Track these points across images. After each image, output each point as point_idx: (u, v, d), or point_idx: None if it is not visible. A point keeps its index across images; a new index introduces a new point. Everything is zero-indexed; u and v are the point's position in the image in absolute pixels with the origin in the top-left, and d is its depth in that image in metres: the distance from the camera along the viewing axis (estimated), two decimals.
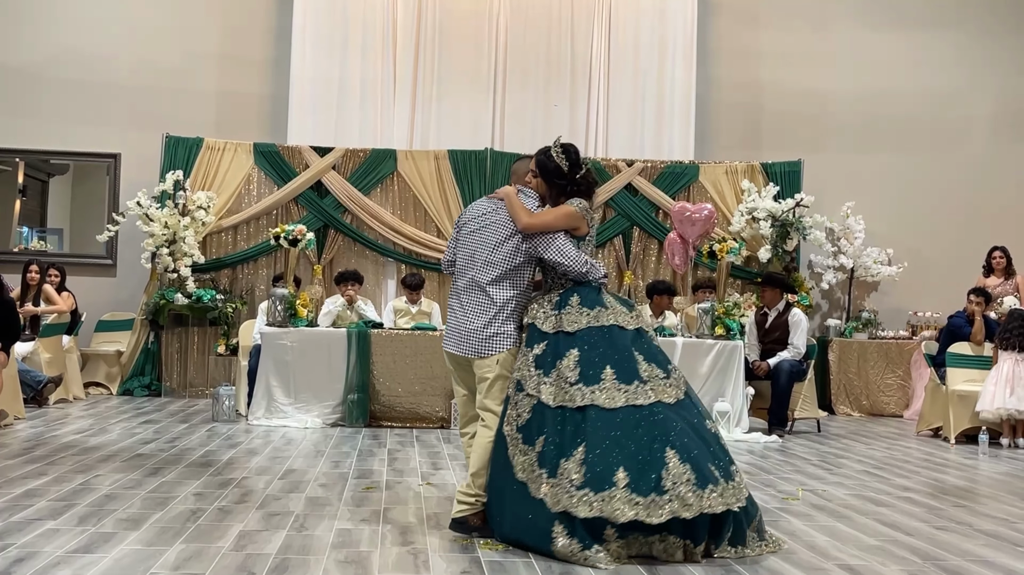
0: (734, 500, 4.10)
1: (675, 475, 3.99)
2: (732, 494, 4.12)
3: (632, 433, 4.09)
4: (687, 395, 4.37)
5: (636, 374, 4.24)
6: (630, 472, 3.98)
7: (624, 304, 4.54)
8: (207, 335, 10.83)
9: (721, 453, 4.26)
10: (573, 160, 4.54)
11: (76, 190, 11.89)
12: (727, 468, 4.20)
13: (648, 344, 4.41)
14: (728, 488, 4.12)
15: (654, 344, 4.46)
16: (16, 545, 4.00)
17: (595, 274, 4.46)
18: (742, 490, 4.19)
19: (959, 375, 8.78)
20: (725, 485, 4.11)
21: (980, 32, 12.19)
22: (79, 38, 11.43)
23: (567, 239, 4.45)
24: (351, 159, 11.32)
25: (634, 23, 11.91)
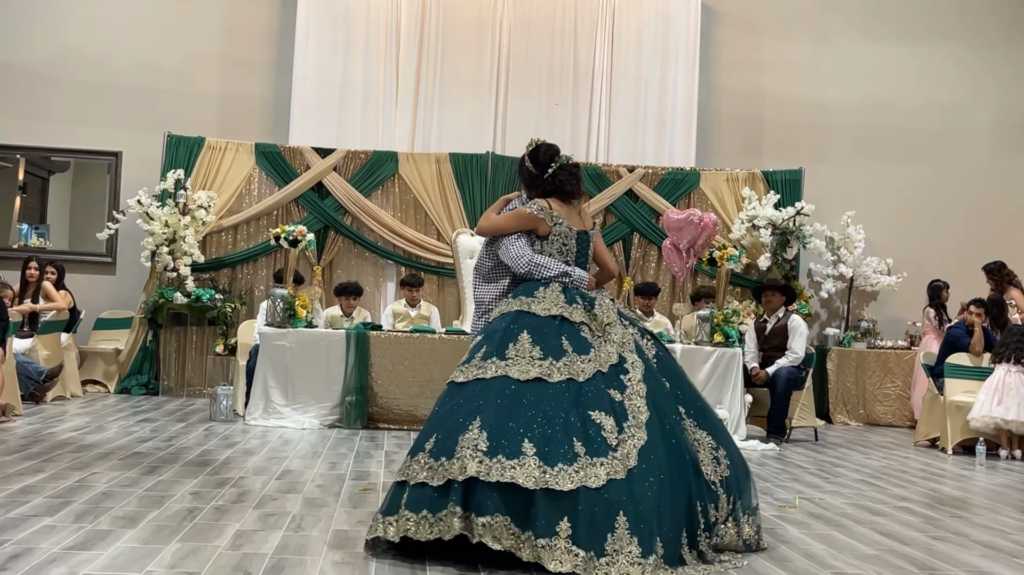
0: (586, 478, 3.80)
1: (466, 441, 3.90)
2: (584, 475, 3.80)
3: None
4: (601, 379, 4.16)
5: (504, 350, 4.19)
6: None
7: (582, 301, 4.43)
8: (205, 335, 10.83)
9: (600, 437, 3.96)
10: (541, 162, 4.63)
11: (76, 188, 11.89)
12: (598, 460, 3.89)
13: (574, 334, 4.27)
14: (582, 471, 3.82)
15: (582, 336, 4.27)
16: (12, 541, 4.00)
17: (542, 274, 4.48)
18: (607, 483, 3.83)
19: (957, 386, 8.78)
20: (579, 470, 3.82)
21: (981, 44, 12.22)
22: (82, 37, 11.44)
23: (521, 240, 4.54)
24: (352, 161, 11.32)
25: (637, 31, 11.93)
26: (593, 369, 4.16)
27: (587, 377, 4.13)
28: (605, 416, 4.01)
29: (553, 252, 4.55)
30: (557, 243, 4.56)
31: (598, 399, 4.07)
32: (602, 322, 4.37)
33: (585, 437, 3.93)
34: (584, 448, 3.89)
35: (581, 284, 4.52)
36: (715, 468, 4.19)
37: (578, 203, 4.74)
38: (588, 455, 3.87)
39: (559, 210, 4.60)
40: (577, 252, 4.63)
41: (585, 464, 3.85)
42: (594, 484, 3.80)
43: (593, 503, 3.77)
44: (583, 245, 4.65)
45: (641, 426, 4.03)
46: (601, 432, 3.96)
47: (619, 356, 4.26)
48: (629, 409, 4.07)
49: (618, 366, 4.22)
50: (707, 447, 4.22)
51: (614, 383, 4.15)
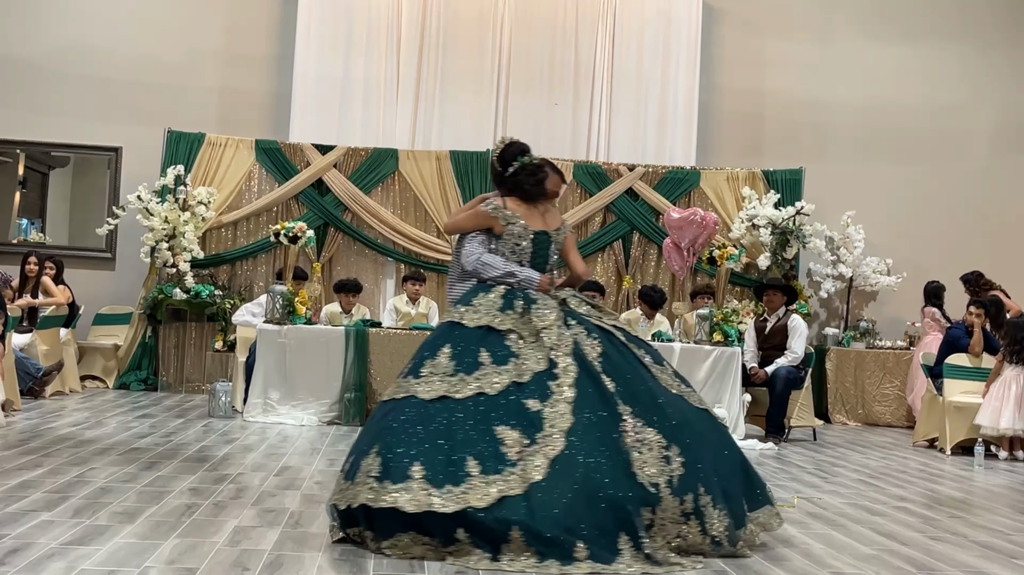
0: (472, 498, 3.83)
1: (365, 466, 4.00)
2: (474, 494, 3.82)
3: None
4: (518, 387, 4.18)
5: (422, 366, 4.25)
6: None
7: (522, 304, 4.43)
8: (204, 331, 10.82)
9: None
10: (505, 160, 4.71)
11: (76, 183, 11.88)
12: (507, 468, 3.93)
13: (496, 344, 4.29)
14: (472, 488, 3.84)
15: (505, 345, 4.30)
16: (10, 536, 4.00)
17: (488, 273, 4.55)
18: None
19: (956, 386, 8.78)
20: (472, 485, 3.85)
21: (983, 45, 12.21)
22: (83, 32, 11.43)
23: (476, 239, 4.64)
24: (352, 158, 11.32)
25: (638, 29, 11.91)
26: (507, 381, 4.17)
27: (500, 389, 4.14)
28: (510, 430, 4.02)
29: (506, 252, 4.60)
30: (510, 243, 4.62)
31: (508, 412, 4.09)
32: (535, 328, 4.36)
33: (482, 455, 3.95)
34: (478, 467, 3.91)
35: (530, 285, 4.55)
36: (661, 468, 4.06)
37: (543, 203, 4.74)
38: (482, 474, 3.90)
39: (516, 209, 4.65)
40: (533, 252, 4.64)
41: (476, 484, 3.87)
42: (481, 504, 3.82)
43: (481, 523, 3.82)
44: (541, 245, 4.66)
45: (559, 434, 4.03)
46: (500, 448, 3.97)
47: (549, 361, 4.25)
48: (548, 418, 4.07)
49: (546, 372, 4.22)
50: (655, 447, 4.11)
51: (537, 392, 4.15)
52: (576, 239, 4.95)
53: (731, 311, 10.40)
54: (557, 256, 4.81)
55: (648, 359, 4.49)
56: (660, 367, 4.50)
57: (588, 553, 3.81)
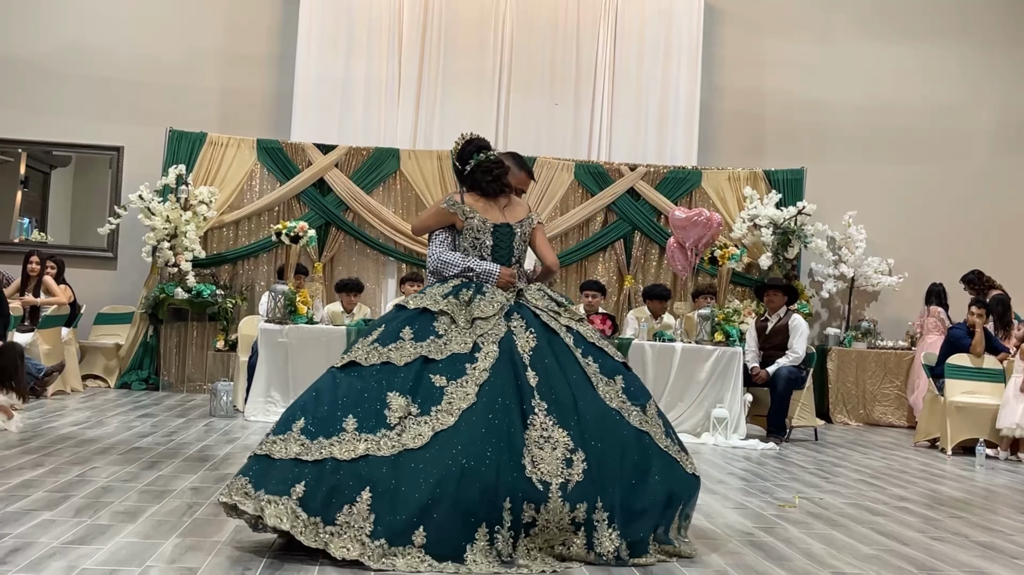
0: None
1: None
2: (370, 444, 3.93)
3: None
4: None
5: (391, 339, 4.29)
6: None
7: (468, 294, 4.47)
8: (206, 330, 10.82)
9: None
10: (463, 157, 4.77)
11: (78, 182, 11.89)
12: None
13: (424, 323, 4.35)
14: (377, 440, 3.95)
15: (432, 326, 4.34)
16: (12, 535, 4.00)
17: (447, 271, 4.60)
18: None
19: (957, 386, 8.79)
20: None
21: (983, 45, 12.21)
22: (84, 32, 11.44)
23: (439, 237, 4.70)
24: (354, 157, 11.32)
25: (639, 29, 11.91)
26: (417, 354, 4.21)
27: (407, 361, 4.19)
28: (399, 397, 4.08)
29: (466, 246, 4.64)
30: (470, 238, 4.64)
31: (407, 382, 4.13)
32: (471, 315, 4.39)
33: (362, 415, 4.03)
34: (355, 424, 4.00)
35: (488, 278, 4.56)
36: (561, 469, 3.98)
37: (505, 198, 4.74)
38: (356, 431, 3.98)
39: (474, 204, 4.67)
40: (494, 246, 4.64)
41: (347, 439, 3.95)
42: (343, 456, 3.90)
43: (336, 472, 3.87)
44: (502, 238, 4.65)
45: (454, 411, 4.05)
46: (384, 411, 4.04)
47: (473, 345, 4.28)
48: (448, 395, 4.10)
49: (466, 355, 4.24)
50: (560, 447, 4.04)
51: (447, 370, 4.18)
52: (546, 231, 4.89)
53: (732, 311, 10.38)
54: (524, 248, 4.77)
55: (594, 367, 4.37)
56: (608, 379, 4.35)
57: (425, 540, 3.78)
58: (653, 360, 8.62)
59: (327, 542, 3.80)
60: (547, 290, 4.68)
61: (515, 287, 4.57)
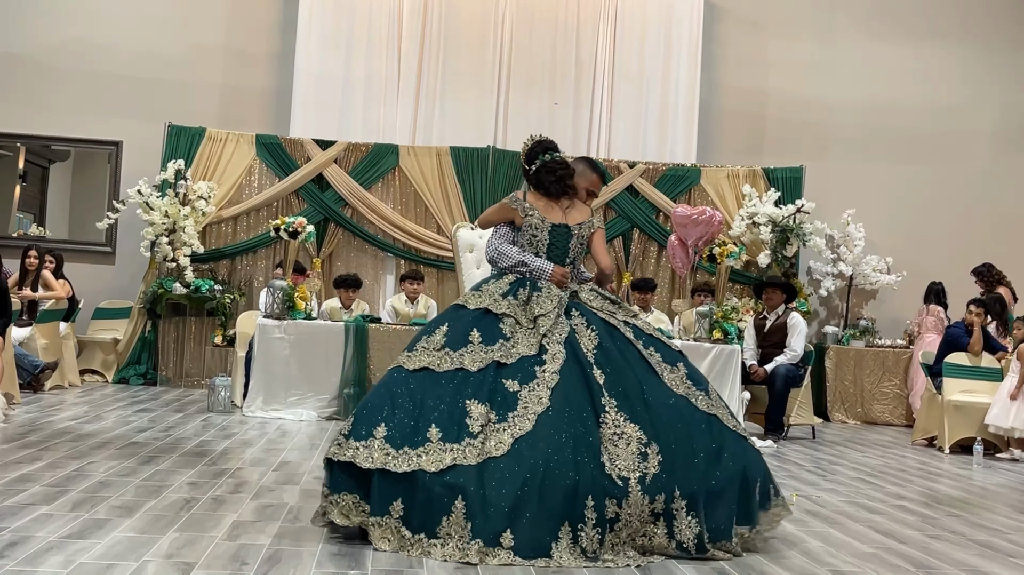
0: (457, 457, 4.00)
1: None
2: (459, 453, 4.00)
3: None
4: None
5: (464, 342, 4.36)
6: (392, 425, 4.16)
7: (526, 292, 4.53)
8: (204, 325, 10.82)
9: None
10: (527, 157, 4.89)
11: (77, 177, 11.87)
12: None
13: (490, 325, 4.41)
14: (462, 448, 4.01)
15: (499, 328, 4.41)
16: (9, 529, 4.00)
17: (503, 262, 4.70)
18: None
19: (955, 385, 8.79)
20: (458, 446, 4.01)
21: (984, 46, 12.20)
22: (84, 27, 11.42)
23: (500, 231, 4.82)
24: (353, 153, 11.31)
25: (640, 27, 11.90)
26: (490, 359, 4.28)
27: (480, 367, 4.26)
28: (479, 405, 4.14)
29: (523, 243, 4.73)
30: (527, 234, 4.74)
31: (483, 388, 4.20)
32: (532, 314, 4.45)
33: (445, 424, 4.09)
34: (439, 434, 4.06)
35: (541, 275, 4.64)
36: (635, 463, 4.07)
37: (568, 199, 4.82)
38: (440, 441, 4.04)
39: (535, 202, 4.78)
40: (550, 244, 4.73)
41: (432, 449, 4.02)
42: (431, 468, 3.96)
43: (428, 484, 3.94)
44: (559, 238, 4.73)
45: (531, 416, 4.11)
46: (465, 419, 4.10)
47: (540, 347, 4.35)
48: (523, 399, 4.16)
49: (534, 357, 4.31)
50: (633, 442, 4.13)
51: (518, 374, 4.24)
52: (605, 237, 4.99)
53: (731, 309, 10.40)
54: (581, 250, 4.86)
55: (657, 357, 4.48)
56: (671, 367, 4.48)
57: (513, 543, 3.87)
58: None
59: (431, 551, 3.92)
60: (600, 290, 4.77)
61: (568, 287, 4.66)
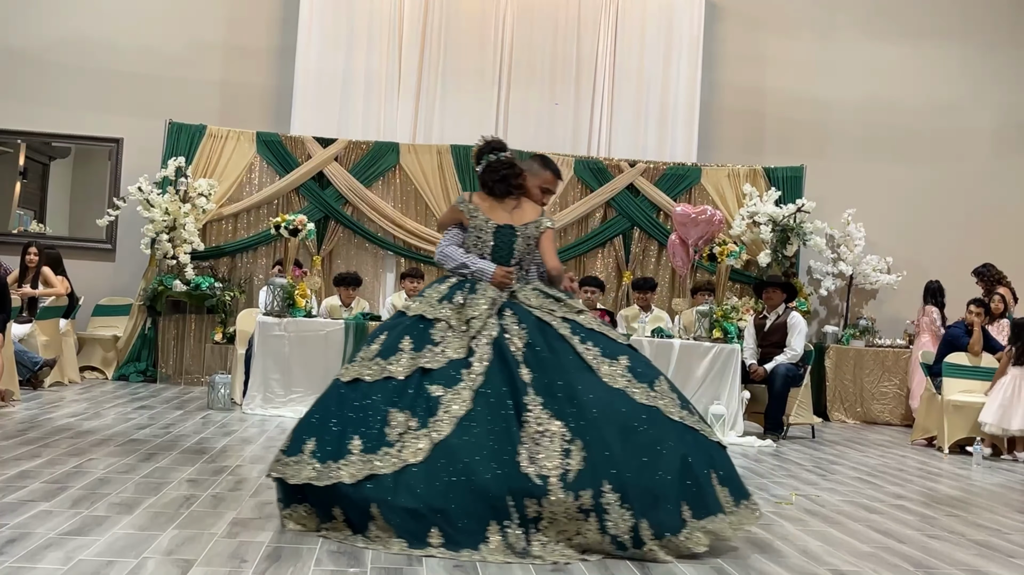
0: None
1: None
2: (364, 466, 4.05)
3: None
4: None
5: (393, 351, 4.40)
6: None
7: (463, 294, 4.56)
8: (204, 323, 10.82)
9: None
10: (478, 158, 4.89)
11: (77, 174, 11.87)
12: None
13: (421, 331, 4.44)
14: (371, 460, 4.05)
15: (429, 334, 4.43)
16: (9, 526, 4.00)
17: (447, 264, 4.78)
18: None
19: (955, 385, 8.79)
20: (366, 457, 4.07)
21: (984, 44, 12.20)
22: (85, 23, 11.41)
23: (450, 233, 4.85)
24: (353, 151, 11.31)
25: (640, 26, 11.90)
26: (414, 367, 4.31)
27: (407, 374, 4.30)
28: (399, 412, 4.18)
29: (470, 244, 4.77)
30: (473, 236, 4.78)
31: (407, 396, 4.23)
32: (465, 317, 4.48)
33: (367, 435, 4.14)
34: (361, 446, 4.11)
35: (482, 276, 4.66)
36: (559, 460, 4.04)
37: (515, 199, 4.81)
38: (362, 452, 4.09)
39: (480, 203, 4.80)
40: (494, 245, 4.74)
41: (353, 461, 4.07)
42: (348, 480, 4.03)
43: (351, 496, 4.03)
44: (503, 239, 4.74)
45: (451, 420, 4.13)
46: (384, 428, 4.14)
47: (468, 350, 4.37)
48: (444, 403, 4.18)
49: (462, 360, 4.32)
50: (556, 439, 4.10)
51: (443, 378, 4.26)
52: (556, 235, 4.97)
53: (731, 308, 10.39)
54: (529, 250, 4.80)
55: (595, 352, 4.40)
56: (611, 361, 4.38)
57: (442, 539, 3.94)
58: (651, 356, 8.48)
59: (371, 546, 4.02)
60: (545, 288, 4.72)
61: (510, 287, 4.65)
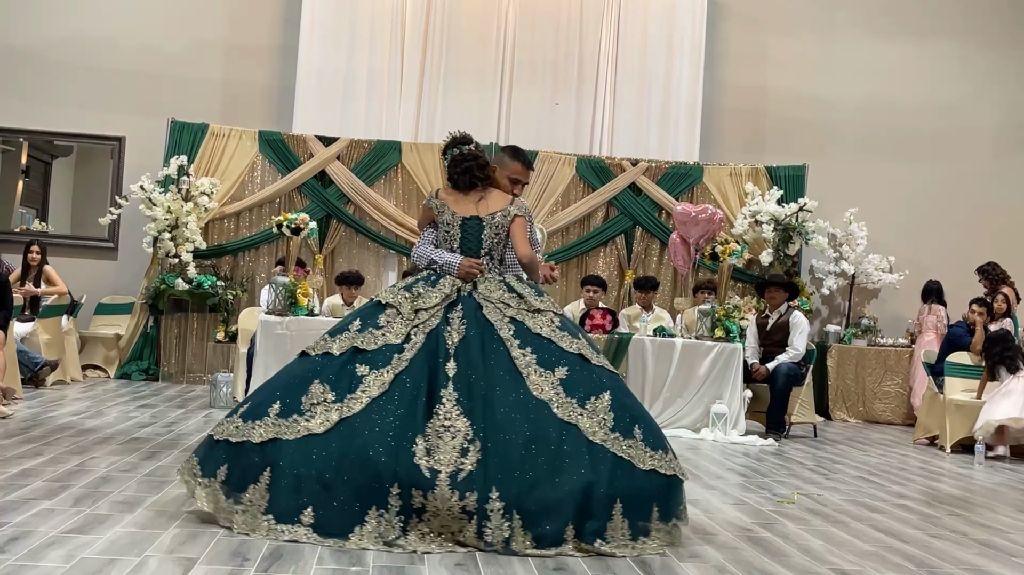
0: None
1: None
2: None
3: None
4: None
5: (343, 330, 4.49)
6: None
7: (424, 286, 4.57)
8: (206, 321, 10.83)
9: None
10: (444, 154, 4.96)
11: (79, 172, 11.88)
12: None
13: (371, 315, 4.50)
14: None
15: (376, 318, 4.48)
16: (11, 524, 4.00)
17: (420, 265, 4.81)
18: None
19: (957, 384, 8.78)
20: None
21: (986, 44, 12.19)
22: (87, 22, 11.42)
23: (426, 234, 4.89)
24: (355, 150, 11.31)
25: (642, 25, 11.89)
26: (349, 346, 4.38)
27: (341, 351, 4.37)
28: (320, 384, 4.25)
29: (440, 239, 4.81)
30: (442, 231, 4.81)
31: (334, 371, 4.30)
32: (415, 307, 4.51)
33: (285, 401, 4.23)
34: (278, 410, 4.20)
35: (449, 269, 4.68)
36: (454, 458, 4.02)
37: (482, 191, 4.82)
38: (277, 416, 4.19)
39: (446, 198, 4.83)
40: (462, 238, 4.75)
41: (267, 423, 4.17)
42: (255, 439, 4.13)
43: (251, 455, 4.12)
44: (470, 231, 4.74)
45: (364, 399, 4.19)
46: (302, 397, 4.23)
47: (406, 336, 4.41)
48: (366, 383, 4.24)
49: (396, 346, 4.36)
50: (458, 436, 4.08)
51: (372, 360, 4.32)
52: (527, 225, 4.83)
53: (733, 307, 10.39)
54: (498, 241, 4.75)
55: (530, 359, 4.33)
56: (543, 370, 4.31)
57: (313, 521, 4.01)
58: (653, 355, 8.61)
59: (234, 520, 4.10)
60: (511, 281, 4.64)
61: (477, 278, 4.64)
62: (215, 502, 4.16)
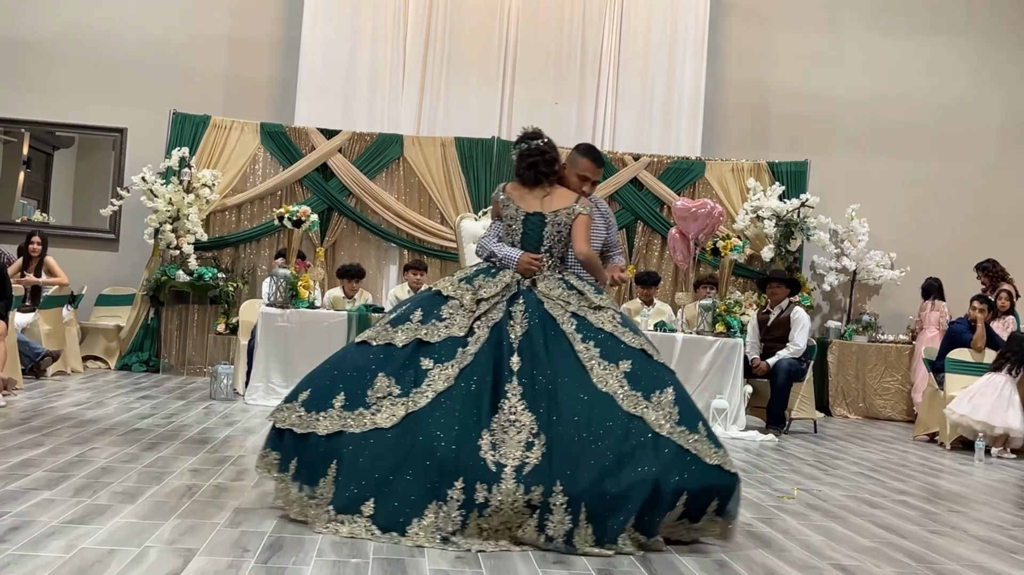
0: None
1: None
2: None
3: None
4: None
5: (405, 320, 4.46)
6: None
7: (483, 278, 4.56)
8: (207, 313, 10.83)
9: None
10: (514, 147, 4.92)
11: (81, 164, 11.88)
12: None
13: (433, 306, 4.48)
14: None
15: (439, 309, 4.45)
16: (11, 513, 4.00)
17: (482, 255, 4.82)
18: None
19: (958, 381, 8.78)
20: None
21: (990, 41, 12.18)
22: (90, 13, 11.41)
23: (493, 225, 4.90)
24: (357, 143, 11.31)
25: (645, 20, 11.88)
26: (413, 337, 4.36)
27: (405, 343, 4.35)
28: (385, 378, 4.24)
29: (504, 233, 4.79)
30: (506, 225, 4.79)
31: (398, 363, 4.29)
32: (477, 298, 4.49)
33: (351, 393, 4.23)
34: (343, 402, 4.21)
35: (508, 263, 4.65)
36: (520, 452, 4.01)
37: (547, 187, 4.79)
38: (342, 409, 4.20)
39: (512, 192, 4.82)
40: (524, 234, 4.72)
41: (332, 415, 4.19)
42: (321, 432, 4.16)
43: (317, 447, 4.15)
44: (532, 227, 4.71)
45: (430, 394, 4.17)
46: (367, 391, 4.22)
47: (469, 329, 4.38)
48: (431, 377, 4.22)
49: (460, 339, 4.34)
50: (524, 431, 4.07)
51: (437, 353, 4.30)
52: (590, 224, 4.79)
53: (734, 302, 10.40)
54: (560, 238, 4.71)
55: (593, 352, 4.31)
56: (608, 363, 4.29)
57: (373, 512, 4.00)
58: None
59: (307, 515, 4.13)
60: (570, 279, 4.63)
61: (536, 274, 4.62)
62: (286, 495, 4.21)
